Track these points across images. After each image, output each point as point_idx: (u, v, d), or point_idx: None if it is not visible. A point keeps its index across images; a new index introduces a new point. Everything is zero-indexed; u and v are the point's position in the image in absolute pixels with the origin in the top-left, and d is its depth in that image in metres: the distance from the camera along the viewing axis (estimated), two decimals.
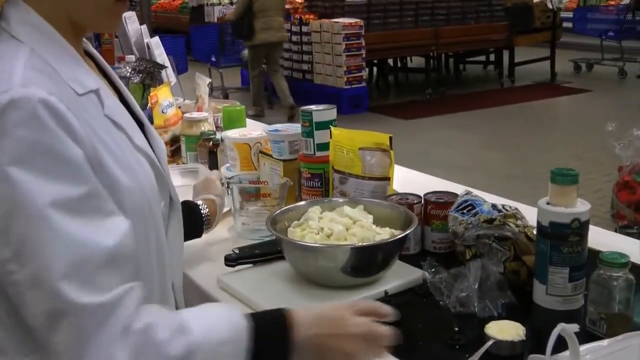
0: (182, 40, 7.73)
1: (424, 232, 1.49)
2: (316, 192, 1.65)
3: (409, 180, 1.84)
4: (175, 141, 2.21)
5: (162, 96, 2.23)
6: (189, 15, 12.91)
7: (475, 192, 1.46)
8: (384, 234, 1.35)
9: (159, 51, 2.98)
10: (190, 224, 1.31)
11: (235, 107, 2.27)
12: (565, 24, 10.42)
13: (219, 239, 1.59)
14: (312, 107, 1.68)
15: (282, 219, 1.41)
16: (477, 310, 1.18)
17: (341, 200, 1.50)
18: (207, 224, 1.46)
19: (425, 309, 1.23)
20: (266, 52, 7.69)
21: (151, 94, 2.26)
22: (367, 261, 1.28)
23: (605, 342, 1.03)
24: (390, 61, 10.03)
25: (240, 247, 1.44)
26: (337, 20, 7.97)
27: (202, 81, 2.40)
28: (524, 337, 1.07)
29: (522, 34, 9.53)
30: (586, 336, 1.07)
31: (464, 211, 1.34)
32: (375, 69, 10.05)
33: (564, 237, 1.11)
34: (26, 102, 0.82)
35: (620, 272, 1.08)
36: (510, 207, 1.33)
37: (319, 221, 1.38)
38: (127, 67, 2.67)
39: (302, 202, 1.53)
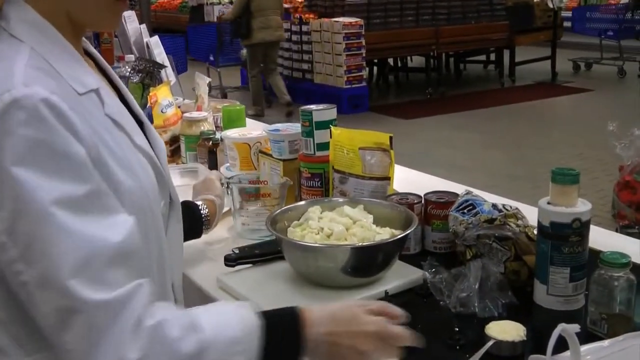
0: (182, 39, 7.74)
1: (424, 232, 1.49)
2: (316, 191, 1.65)
3: (409, 180, 1.84)
4: (174, 141, 2.20)
5: (162, 96, 2.23)
6: (189, 14, 12.92)
7: (475, 191, 1.46)
8: (384, 234, 1.34)
9: (158, 50, 2.98)
10: (190, 224, 1.31)
11: (235, 107, 2.27)
12: (564, 24, 10.42)
13: (218, 239, 1.59)
14: (312, 106, 1.68)
15: (282, 218, 1.41)
16: (477, 310, 1.17)
17: (341, 200, 1.50)
18: (206, 225, 1.46)
19: (425, 309, 1.22)
20: (264, 51, 7.70)
21: (151, 94, 2.26)
22: (367, 261, 1.28)
23: (606, 342, 1.03)
24: (390, 61, 10.03)
25: (240, 247, 1.44)
26: (337, 19, 7.96)
27: (202, 81, 2.39)
28: (525, 338, 1.07)
29: (522, 33, 9.54)
30: (587, 336, 1.07)
31: (465, 211, 1.34)
32: (375, 69, 10.05)
33: (564, 237, 1.10)
34: (29, 102, 0.82)
35: (621, 272, 1.08)
36: (510, 207, 1.33)
37: (319, 221, 1.38)
38: (127, 67, 2.67)
39: (302, 202, 1.53)
